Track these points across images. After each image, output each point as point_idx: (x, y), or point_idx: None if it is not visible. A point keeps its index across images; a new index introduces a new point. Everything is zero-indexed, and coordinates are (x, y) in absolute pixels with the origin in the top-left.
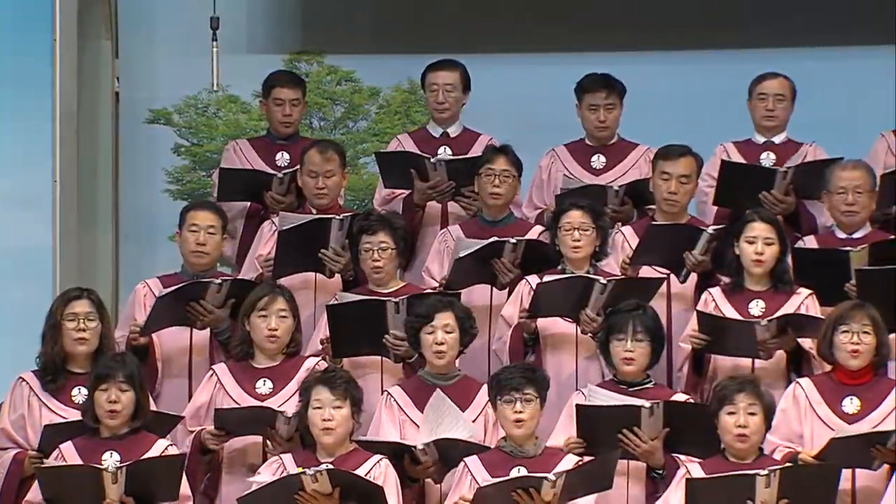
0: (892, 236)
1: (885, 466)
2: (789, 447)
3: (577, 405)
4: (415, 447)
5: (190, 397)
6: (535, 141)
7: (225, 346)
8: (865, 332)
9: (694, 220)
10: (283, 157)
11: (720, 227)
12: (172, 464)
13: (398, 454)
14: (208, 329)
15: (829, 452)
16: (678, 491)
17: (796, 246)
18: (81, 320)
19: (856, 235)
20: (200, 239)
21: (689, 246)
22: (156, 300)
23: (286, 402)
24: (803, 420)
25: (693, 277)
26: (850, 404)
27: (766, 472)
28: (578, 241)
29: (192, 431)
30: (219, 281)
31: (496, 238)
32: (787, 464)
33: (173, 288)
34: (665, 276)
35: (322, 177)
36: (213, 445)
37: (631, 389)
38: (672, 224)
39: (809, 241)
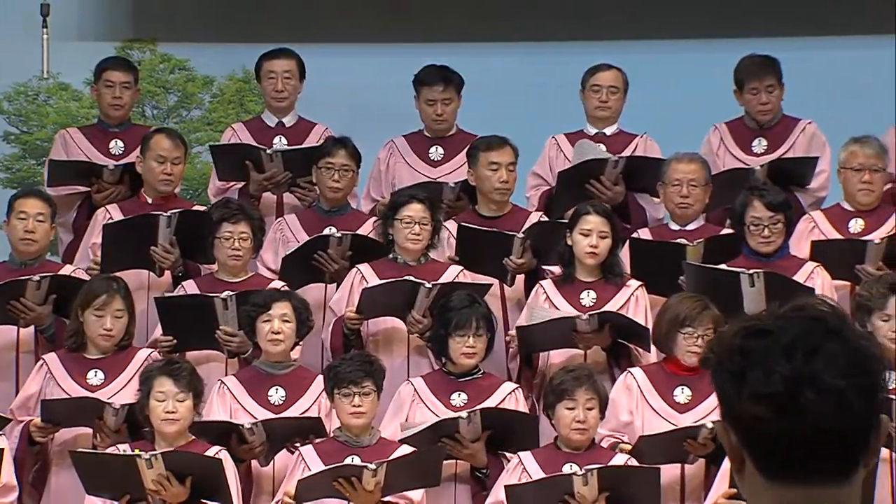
0: (725, 230)
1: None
2: (613, 436)
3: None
4: (242, 426)
5: (17, 393)
6: (369, 130)
7: (51, 342)
8: (708, 336)
9: (516, 210)
10: (117, 146)
11: (532, 224)
12: None
13: (227, 433)
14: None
15: (639, 450)
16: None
17: (633, 236)
18: None
19: (689, 228)
20: (29, 227)
21: (505, 251)
22: None
23: (118, 392)
24: (635, 410)
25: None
26: (682, 394)
27: (582, 471)
28: (418, 235)
29: (21, 421)
30: (37, 278)
31: (318, 234)
32: (609, 464)
33: None
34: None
35: (170, 162)
36: (40, 438)
37: (461, 380)
38: (484, 231)
39: (643, 233)
